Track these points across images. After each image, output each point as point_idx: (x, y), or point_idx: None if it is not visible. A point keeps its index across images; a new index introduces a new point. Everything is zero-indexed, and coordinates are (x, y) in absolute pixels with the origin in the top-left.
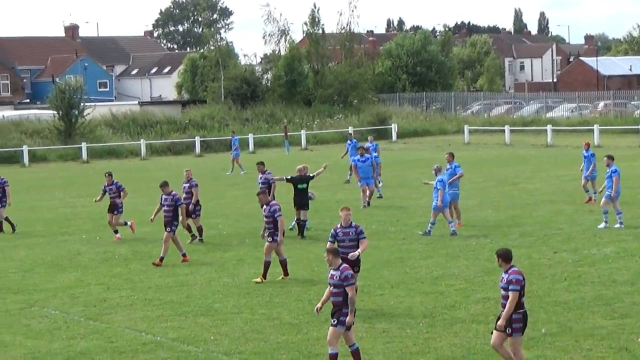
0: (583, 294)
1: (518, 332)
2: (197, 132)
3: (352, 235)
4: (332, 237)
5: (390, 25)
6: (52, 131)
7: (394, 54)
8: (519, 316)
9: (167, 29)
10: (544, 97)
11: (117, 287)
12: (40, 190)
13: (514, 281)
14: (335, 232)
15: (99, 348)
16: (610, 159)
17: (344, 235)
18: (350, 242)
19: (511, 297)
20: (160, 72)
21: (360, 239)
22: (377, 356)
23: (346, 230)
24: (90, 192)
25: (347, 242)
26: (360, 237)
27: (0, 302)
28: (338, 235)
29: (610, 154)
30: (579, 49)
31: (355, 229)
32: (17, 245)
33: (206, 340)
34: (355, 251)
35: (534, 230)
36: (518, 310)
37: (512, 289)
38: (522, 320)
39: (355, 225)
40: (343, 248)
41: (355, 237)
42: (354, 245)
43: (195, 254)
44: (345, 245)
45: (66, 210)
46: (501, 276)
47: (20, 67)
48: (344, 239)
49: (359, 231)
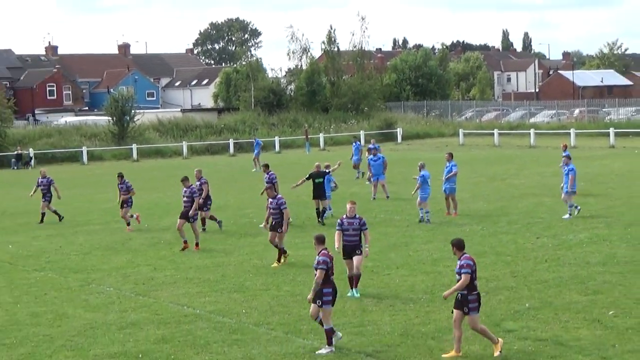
0: (561, 274)
1: (474, 310)
2: (231, 135)
3: (355, 226)
4: (339, 225)
5: (396, 44)
6: (107, 134)
7: (399, 68)
8: (474, 297)
9: (205, 47)
10: (528, 105)
11: (163, 267)
12: (96, 185)
13: (465, 265)
14: (341, 221)
15: (147, 320)
16: (568, 158)
17: (349, 224)
18: (354, 232)
19: (463, 278)
20: (199, 84)
21: (363, 230)
22: (385, 326)
23: (351, 220)
24: (139, 187)
25: (351, 231)
26: (363, 228)
27: (63, 280)
28: (344, 224)
29: (569, 154)
30: (557, 64)
31: (359, 220)
32: (77, 232)
33: (239, 313)
34: (359, 242)
35: (519, 219)
36: (473, 292)
37: (464, 272)
38: (477, 300)
39: (359, 217)
40: (347, 236)
41: (358, 227)
42: (357, 234)
43: (230, 239)
44: (349, 234)
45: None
46: (457, 263)
47: (80, 79)
48: (348, 228)
49: (362, 222)
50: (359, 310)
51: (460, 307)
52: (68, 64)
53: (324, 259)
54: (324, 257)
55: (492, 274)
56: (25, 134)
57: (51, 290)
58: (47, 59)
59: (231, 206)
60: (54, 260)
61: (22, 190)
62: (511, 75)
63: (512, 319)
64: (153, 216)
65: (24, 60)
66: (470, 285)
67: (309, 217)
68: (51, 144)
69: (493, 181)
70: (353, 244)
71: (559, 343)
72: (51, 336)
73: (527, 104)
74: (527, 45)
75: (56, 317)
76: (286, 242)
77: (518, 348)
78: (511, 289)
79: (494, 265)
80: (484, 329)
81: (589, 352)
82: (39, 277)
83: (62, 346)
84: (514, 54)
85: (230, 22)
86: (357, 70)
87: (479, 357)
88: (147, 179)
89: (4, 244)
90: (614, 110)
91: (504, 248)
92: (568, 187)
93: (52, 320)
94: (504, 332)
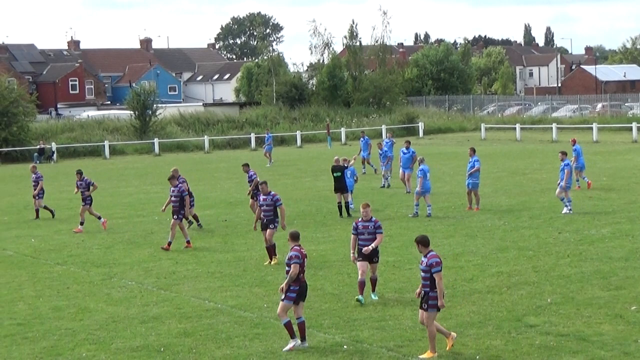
0: (583, 269)
1: (433, 308)
2: (253, 129)
3: (370, 229)
4: (354, 229)
5: (417, 38)
6: (129, 128)
7: (420, 63)
8: (435, 294)
9: (227, 41)
10: (550, 99)
11: (185, 261)
12: (118, 179)
13: (435, 264)
14: (356, 225)
15: (169, 313)
16: (563, 154)
17: (364, 228)
18: (369, 235)
19: (437, 278)
20: (221, 78)
21: (377, 233)
22: (406, 321)
23: (366, 224)
24: (161, 181)
25: (366, 234)
26: (377, 231)
27: (85, 274)
28: (358, 228)
29: (564, 150)
30: (580, 59)
31: (374, 223)
32: (99, 226)
33: (260, 307)
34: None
35: (541, 213)
36: (434, 289)
37: (436, 271)
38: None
39: (374, 220)
40: (362, 240)
41: (373, 230)
42: (372, 237)
43: (251, 233)
44: (364, 238)
45: (141, 196)
46: (421, 260)
47: (102, 74)
48: (363, 232)
49: (377, 225)
50: (380, 304)
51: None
52: (90, 59)
53: (296, 254)
54: (295, 252)
55: (514, 268)
56: (48, 128)
57: (73, 284)
58: (70, 53)
59: None
60: (76, 254)
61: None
62: (533, 69)
63: (534, 314)
64: None
65: (46, 55)
66: (434, 283)
67: (330, 212)
68: (73, 138)
69: (515, 176)
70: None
71: (581, 338)
72: (73, 330)
73: (549, 99)
74: (550, 40)
75: (78, 310)
76: (307, 236)
77: (540, 343)
78: (533, 284)
79: (516, 260)
80: (439, 328)
81: (611, 347)
82: (61, 271)
83: (84, 340)
84: (536, 49)
85: (252, 16)
86: (378, 64)
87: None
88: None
89: (27, 237)
90: (636, 105)
91: (525, 243)
92: (563, 182)
93: (74, 314)
94: (525, 327)
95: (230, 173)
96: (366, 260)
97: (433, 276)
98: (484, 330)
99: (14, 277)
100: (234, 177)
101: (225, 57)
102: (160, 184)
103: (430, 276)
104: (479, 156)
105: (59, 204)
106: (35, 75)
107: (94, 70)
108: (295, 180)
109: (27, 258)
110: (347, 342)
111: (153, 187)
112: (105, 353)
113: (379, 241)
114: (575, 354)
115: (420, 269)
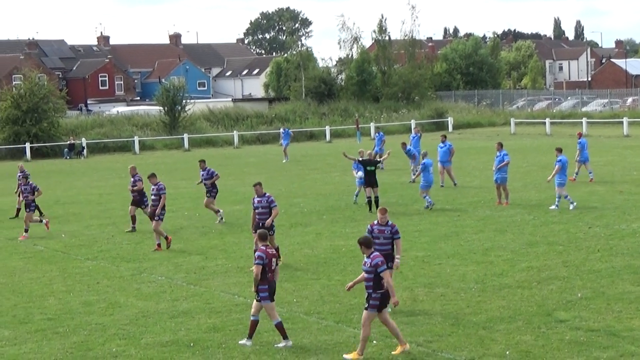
0: (614, 264)
1: (373, 308)
2: (282, 124)
3: (387, 234)
4: (369, 232)
5: (446, 33)
6: (158, 124)
7: (449, 57)
8: (377, 295)
9: (256, 36)
10: (580, 93)
11: (214, 256)
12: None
13: (380, 263)
14: (371, 228)
15: (198, 308)
16: (558, 150)
17: (379, 232)
18: (385, 240)
19: (386, 276)
20: (250, 74)
21: (395, 239)
22: (436, 316)
23: (382, 228)
24: (190, 176)
25: (382, 239)
26: (395, 236)
27: (115, 269)
28: (374, 232)
29: (559, 147)
30: (610, 52)
31: (391, 228)
32: (129, 221)
33: (290, 302)
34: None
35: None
36: (377, 290)
37: (382, 270)
38: (380, 299)
39: (391, 224)
40: (378, 245)
41: (390, 235)
42: (388, 242)
43: (281, 228)
44: (380, 242)
45: (170, 191)
46: (364, 261)
47: (132, 69)
48: (379, 236)
49: (394, 230)
50: (410, 299)
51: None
52: (120, 54)
53: (260, 255)
54: (260, 253)
55: (544, 263)
56: (78, 124)
57: (103, 279)
58: (99, 49)
59: (282, 195)
60: (106, 250)
61: (75, 180)
62: (563, 63)
63: (564, 309)
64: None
65: (76, 50)
66: (377, 284)
67: (359, 207)
68: (103, 134)
69: (545, 170)
70: (384, 254)
71: (611, 333)
72: (104, 324)
73: (579, 93)
74: (579, 34)
75: (108, 305)
76: (336, 231)
77: (570, 338)
78: (563, 279)
79: (546, 254)
80: (397, 333)
81: None
82: (92, 266)
83: (115, 334)
84: (566, 43)
85: (280, 11)
86: (407, 59)
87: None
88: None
89: (57, 233)
90: None
91: (555, 238)
92: (550, 177)
93: (104, 309)
94: (556, 322)
95: (260, 168)
96: None
97: (379, 276)
98: (513, 325)
99: (45, 272)
100: (263, 172)
101: (254, 52)
102: (189, 179)
103: (374, 277)
104: (508, 151)
105: (89, 199)
106: (65, 71)
107: (124, 66)
108: (325, 175)
109: (58, 253)
110: (376, 337)
111: (182, 183)
112: (135, 348)
113: (399, 248)
114: (605, 349)
115: (364, 269)
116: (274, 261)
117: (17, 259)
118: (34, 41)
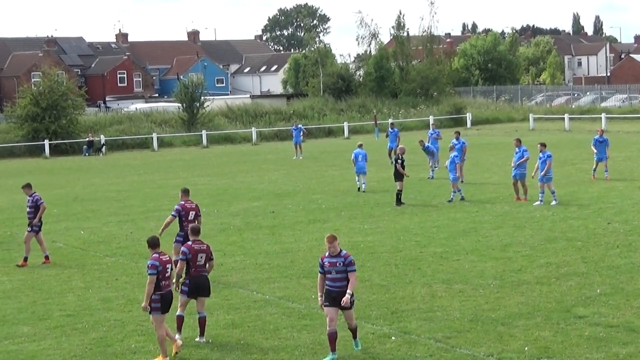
0: (633, 260)
1: (156, 311)
2: (300, 121)
3: (339, 267)
4: (320, 267)
5: (465, 28)
6: (177, 121)
7: (468, 53)
8: (157, 297)
9: (274, 33)
10: (599, 89)
11: (232, 253)
12: (167, 170)
13: (150, 266)
14: (322, 261)
15: (217, 305)
16: (543, 146)
17: (330, 265)
18: (338, 274)
19: (149, 279)
20: (268, 70)
21: (348, 271)
22: (455, 312)
23: (332, 260)
24: (209, 173)
25: (333, 273)
26: (348, 269)
27: (134, 266)
28: (325, 266)
29: (543, 142)
30: (629, 48)
31: (343, 259)
32: (148, 218)
33: (308, 298)
34: (346, 286)
35: (590, 204)
36: (156, 292)
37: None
38: (160, 301)
39: (344, 255)
40: (330, 280)
41: (342, 268)
42: (341, 277)
43: (299, 225)
44: (332, 277)
45: (189, 187)
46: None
47: (150, 66)
48: (330, 270)
49: (348, 262)
50: (428, 295)
51: None
52: (138, 51)
53: (152, 263)
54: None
55: (562, 259)
56: (97, 121)
57: (122, 275)
58: (118, 46)
59: (300, 191)
60: (124, 246)
61: (94, 176)
62: (582, 59)
63: (583, 305)
64: (222, 202)
65: (95, 48)
66: (155, 285)
67: (377, 203)
68: (122, 131)
69: (564, 166)
70: (338, 291)
71: (630, 329)
72: (122, 321)
73: (598, 88)
74: (598, 29)
75: (127, 302)
76: (355, 227)
77: (589, 334)
78: (582, 275)
79: (565, 250)
80: (168, 332)
81: None
82: (110, 263)
83: (133, 331)
84: (584, 38)
85: (298, 8)
86: (426, 55)
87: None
88: (217, 165)
89: (76, 230)
90: None
91: (574, 233)
92: (543, 172)
93: (123, 305)
94: (574, 318)
95: (278, 165)
96: (335, 306)
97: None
98: (532, 322)
99: (64, 268)
100: (281, 169)
101: (273, 49)
102: (208, 175)
103: None
104: (527, 146)
105: (108, 195)
106: (83, 69)
107: (142, 62)
108: (343, 172)
109: (77, 250)
110: (395, 333)
111: (201, 179)
112: (154, 344)
113: (353, 283)
114: (625, 345)
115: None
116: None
117: (35, 255)
118: (53, 39)
